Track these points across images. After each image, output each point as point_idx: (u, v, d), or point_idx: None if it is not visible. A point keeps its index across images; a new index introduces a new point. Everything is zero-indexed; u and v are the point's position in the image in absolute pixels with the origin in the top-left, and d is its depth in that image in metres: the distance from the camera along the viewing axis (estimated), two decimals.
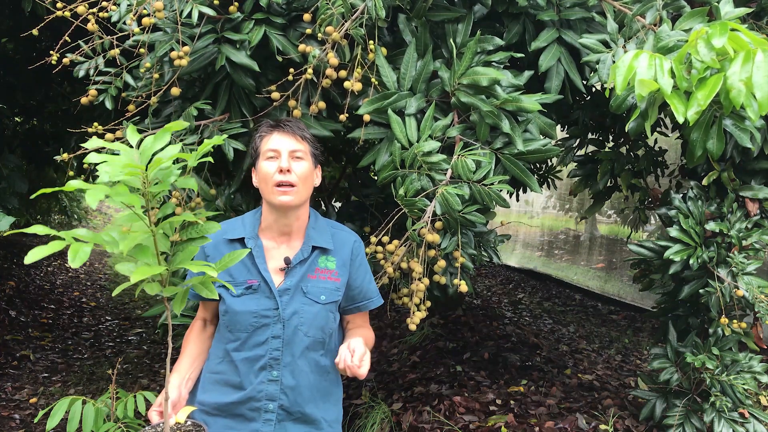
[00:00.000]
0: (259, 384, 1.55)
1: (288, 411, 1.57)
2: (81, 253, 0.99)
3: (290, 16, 2.17)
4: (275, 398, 1.56)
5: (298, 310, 1.56)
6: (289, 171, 1.53)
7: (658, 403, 2.68)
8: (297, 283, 1.58)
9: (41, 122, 6.31)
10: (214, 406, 1.58)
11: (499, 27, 2.30)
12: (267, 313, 1.56)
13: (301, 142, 1.57)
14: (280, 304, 1.56)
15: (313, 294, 1.58)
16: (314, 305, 1.58)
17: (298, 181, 1.54)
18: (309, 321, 1.57)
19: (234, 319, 1.57)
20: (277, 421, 1.57)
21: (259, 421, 1.56)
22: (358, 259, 1.66)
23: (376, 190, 2.77)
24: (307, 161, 1.58)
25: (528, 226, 8.46)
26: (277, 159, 1.54)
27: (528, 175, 2.02)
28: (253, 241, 1.61)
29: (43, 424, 3.52)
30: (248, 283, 1.57)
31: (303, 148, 1.57)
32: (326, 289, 1.59)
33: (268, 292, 1.57)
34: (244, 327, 1.56)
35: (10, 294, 5.91)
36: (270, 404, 1.56)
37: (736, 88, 1.36)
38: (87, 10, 2.07)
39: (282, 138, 1.56)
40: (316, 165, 1.62)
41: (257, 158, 1.59)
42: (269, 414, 1.56)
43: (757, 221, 2.43)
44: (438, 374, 3.78)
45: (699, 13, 1.87)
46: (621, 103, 1.89)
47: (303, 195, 1.56)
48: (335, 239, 1.65)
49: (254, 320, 1.56)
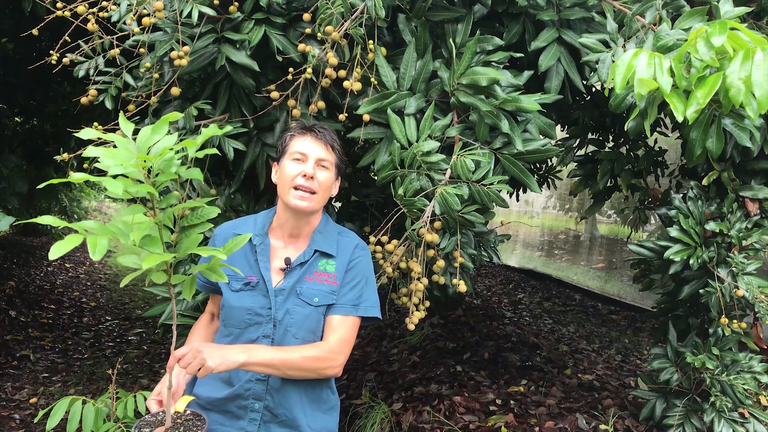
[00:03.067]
0: (247, 382, 1.55)
1: (273, 413, 1.56)
2: (99, 245, 1.02)
3: (290, 16, 2.17)
4: (261, 398, 1.55)
5: (289, 311, 1.56)
6: (313, 178, 1.54)
7: (658, 403, 2.67)
8: (293, 285, 1.58)
9: (41, 122, 6.31)
10: (208, 401, 1.59)
11: (498, 27, 2.30)
12: (261, 312, 1.56)
13: (330, 152, 1.59)
14: (274, 304, 1.56)
15: (306, 296, 1.57)
16: (306, 307, 1.56)
17: (319, 190, 1.56)
18: (299, 323, 1.56)
19: (229, 314, 1.58)
20: (262, 422, 1.55)
21: (245, 419, 1.56)
22: (352, 263, 1.64)
23: (376, 190, 2.77)
24: (331, 172, 1.60)
25: (528, 226, 8.46)
26: (304, 163, 1.55)
27: (527, 175, 2.02)
28: (261, 238, 1.62)
29: (43, 424, 3.52)
30: (248, 279, 1.58)
31: (330, 159, 1.59)
32: (321, 292, 1.58)
33: (265, 290, 1.57)
34: (238, 323, 1.57)
35: (10, 294, 5.91)
36: (256, 404, 1.55)
37: (735, 87, 1.36)
38: (87, 10, 2.07)
39: (313, 144, 1.57)
40: (337, 177, 1.64)
41: (283, 155, 1.60)
42: (255, 413, 1.55)
43: (757, 221, 2.43)
44: (438, 374, 3.78)
45: (698, 13, 1.87)
46: (620, 102, 1.89)
47: (319, 203, 1.58)
48: (339, 244, 1.65)
49: (248, 317, 1.56)
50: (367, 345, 4.63)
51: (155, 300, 6.60)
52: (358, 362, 4.38)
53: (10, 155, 5.53)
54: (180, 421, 1.36)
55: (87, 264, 8.76)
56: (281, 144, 1.63)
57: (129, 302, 6.84)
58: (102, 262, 9.08)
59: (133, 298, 7.07)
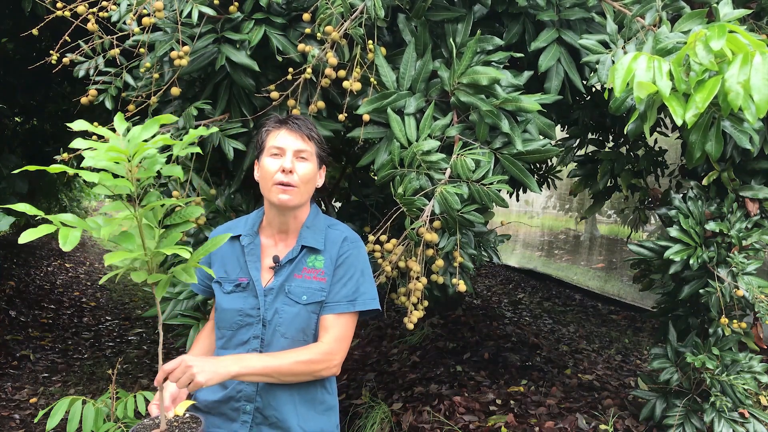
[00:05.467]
0: (239, 384, 1.53)
1: (263, 414, 1.53)
2: (71, 237, 1.04)
3: (290, 16, 2.17)
4: (252, 400, 1.53)
5: (278, 311, 1.53)
6: (292, 172, 1.49)
7: (658, 403, 2.67)
8: (282, 283, 1.54)
9: (41, 122, 6.32)
10: (205, 404, 1.58)
11: (498, 27, 2.30)
12: (251, 312, 1.54)
13: (307, 142, 1.53)
14: (263, 304, 1.53)
15: (294, 294, 1.53)
16: (294, 306, 1.53)
17: (300, 183, 1.51)
18: (287, 322, 1.52)
19: (221, 317, 1.57)
20: (254, 424, 1.53)
21: (237, 421, 1.54)
22: (341, 258, 1.58)
23: (376, 190, 2.77)
24: (312, 162, 1.54)
25: (528, 226, 8.45)
26: (281, 157, 1.50)
27: (527, 175, 2.02)
28: (250, 238, 1.59)
29: (43, 424, 3.52)
30: (239, 281, 1.56)
31: (309, 149, 1.53)
32: (309, 289, 1.54)
33: (255, 291, 1.55)
34: (229, 325, 1.55)
35: (10, 294, 5.91)
36: (247, 405, 1.53)
37: (734, 91, 1.36)
38: (87, 10, 2.07)
39: (289, 136, 1.52)
40: (320, 166, 1.59)
41: (261, 152, 1.56)
42: (246, 415, 1.53)
43: (757, 221, 2.43)
44: (438, 374, 3.78)
45: (698, 15, 1.87)
46: (620, 104, 1.89)
47: (303, 196, 1.54)
48: (327, 238, 1.59)
49: (239, 318, 1.54)
50: (367, 345, 4.63)
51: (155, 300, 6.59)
52: (358, 362, 4.38)
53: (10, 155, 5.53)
54: (176, 423, 1.36)
55: (87, 264, 8.76)
56: (258, 140, 1.58)
57: (129, 302, 6.84)
58: (102, 263, 9.07)
59: (133, 298, 7.07)
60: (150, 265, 1.25)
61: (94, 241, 10.65)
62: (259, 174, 1.58)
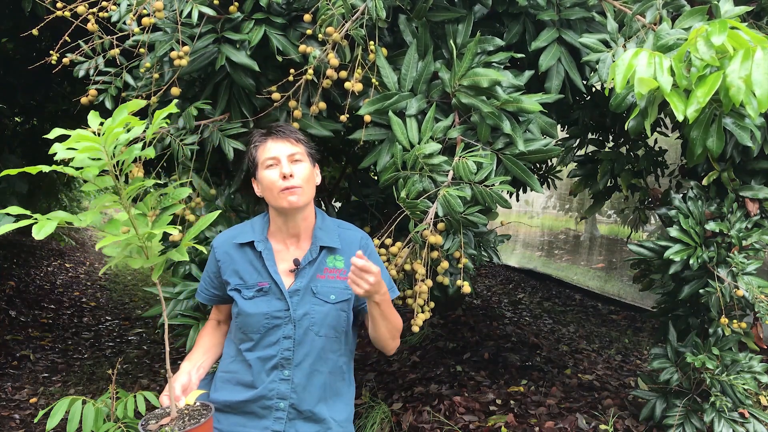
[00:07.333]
0: (271, 383, 1.58)
1: (298, 410, 1.59)
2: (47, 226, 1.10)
3: (290, 16, 2.17)
4: (286, 397, 1.58)
5: (308, 311, 1.58)
6: (292, 175, 1.55)
7: (658, 403, 2.68)
8: (307, 284, 1.59)
9: (41, 122, 6.31)
10: (225, 404, 1.61)
11: (499, 27, 2.30)
12: (278, 314, 1.58)
13: (296, 144, 1.60)
14: (291, 305, 1.57)
15: (322, 294, 1.59)
16: (324, 305, 1.59)
17: (302, 183, 1.56)
18: (320, 321, 1.59)
19: (246, 321, 1.60)
20: (287, 420, 1.58)
21: (269, 418, 1.58)
22: (366, 255, 1.63)
23: (376, 190, 2.77)
24: (306, 162, 1.60)
25: (528, 226, 8.45)
26: (278, 165, 1.56)
27: (529, 175, 2.02)
28: (263, 243, 1.63)
29: (43, 424, 3.52)
30: (259, 286, 1.60)
31: (300, 150, 1.60)
32: (335, 289, 1.61)
33: (278, 293, 1.59)
34: (257, 328, 1.59)
35: (10, 294, 5.91)
36: (281, 402, 1.58)
37: (735, 86, 1.36)
38: (87, 10, 2.07)
39: (277, 144, 1.58)
40: (314, 164, 1.65)
41: (256, 168, 1.61)
42: (280, 412, 1.58)
43: (757, 221, 2.43)
44: (438, 374, 3.78)
45: (699, 12, 1.87)
46: (621, 101, 1.89)
47: (308, 195, 1.59)
48: (342, 238, 1.66)
49: (266, 321, 1.58)
50: (367, 345, 4.63)
51: (155, 300, 6.60)
52: (358, 362, 4.38)
53: (10, 155, 5.53)
54: (187, 411, 1.41)
55: (87, 264, 8.76)
56: (250, 158, 1.63)
57: (129, 302, 6.84)
58: (102, 262, 9.07)
59: (133, 298, 7.07)
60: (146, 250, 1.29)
61: (94, 241, 10.65)
62: (260, 189, 1.63)
